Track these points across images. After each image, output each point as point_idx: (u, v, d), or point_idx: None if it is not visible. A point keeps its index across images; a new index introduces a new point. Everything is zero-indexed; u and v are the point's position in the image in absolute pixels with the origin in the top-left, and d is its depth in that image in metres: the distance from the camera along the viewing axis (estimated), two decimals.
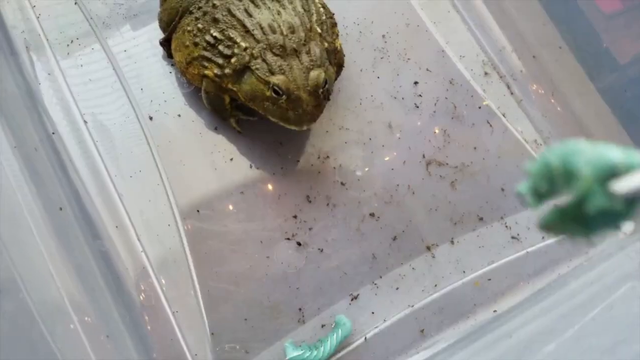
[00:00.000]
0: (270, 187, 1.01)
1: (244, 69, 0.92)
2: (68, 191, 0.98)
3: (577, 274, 1.00)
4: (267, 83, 0.89)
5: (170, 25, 1.02)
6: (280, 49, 0.90)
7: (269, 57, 0.90)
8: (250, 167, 1.02)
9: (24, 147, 0.95)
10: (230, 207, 0.99)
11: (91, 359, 0.84)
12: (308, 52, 0.91)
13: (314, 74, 0.90)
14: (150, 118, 1.03)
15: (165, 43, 1.05)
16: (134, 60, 1.07)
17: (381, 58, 1.12)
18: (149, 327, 0.92)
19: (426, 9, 1.18)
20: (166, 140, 1.02)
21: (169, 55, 1.05)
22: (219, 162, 1.02)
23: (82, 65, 1.07)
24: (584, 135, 1.09)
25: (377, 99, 1.08)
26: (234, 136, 1.03)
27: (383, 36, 1.13)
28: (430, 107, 1.09)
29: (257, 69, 0.90)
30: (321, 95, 0.91)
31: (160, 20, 1.04)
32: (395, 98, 1.09)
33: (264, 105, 0.92)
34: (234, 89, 0.94)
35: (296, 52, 0.90)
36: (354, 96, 1.08)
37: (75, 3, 1.11)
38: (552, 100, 1.12)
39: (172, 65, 1.06)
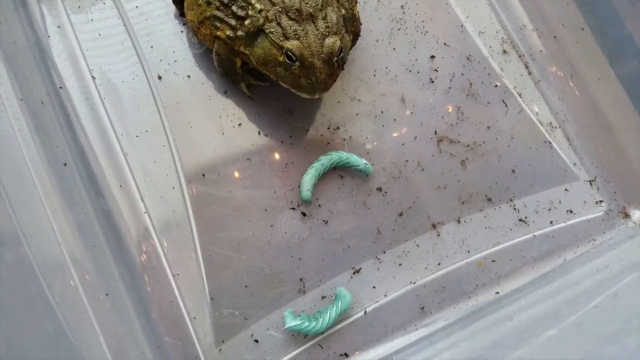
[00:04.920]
0: (277, 155, 0.99)
1: (258, 31, 0.90)
2: (73, 147, 0.96)
3: (582, 260, 0.99)
4: (280, 48, 0.87)
5: None
6: (296, 13, 0.88)
7: (284, 20, 0.87)
8: (259, 133, 1.00)
9: (31, 100, 0.94)
10: (236, 173, 0.98)
11: (89, 316, 0.84)
12: (324, 18, 0.88)
13: (329, 41, 0.87)
14: (159, 77, 1.02)
15: (178, 0, 1.02)
16: (145, 18, 1.05)
17: (398, 29, 1.09)
18: (148, 288, 0.92)
19: None
20: (174, 101, 1.01)
21: (181, 13, 1.03)
22: (227, 126, 1.00)
23: (92, 20, 1.04)
24: (599, 120, 1.06)
25: (392, 71, 1.06)
26: (243, 101, 1.01)
27: (402, 6, 1.10)
28: (445, 82, 1.07)
29: (271, 32, 0.88)
30: (335, 64, 0.89)
31: None
32: (410, 71, 1.06)
33: (276, 71, 0.90)
34: (246, 52, 0.92)
35: (312, 17, 0.88)
36: (368, 67, 1.06)
37: None
38: (571, 83, 1.09)
39: (183, 24, 1.04)
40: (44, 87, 0.98)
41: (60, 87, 0.99)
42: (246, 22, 0.90)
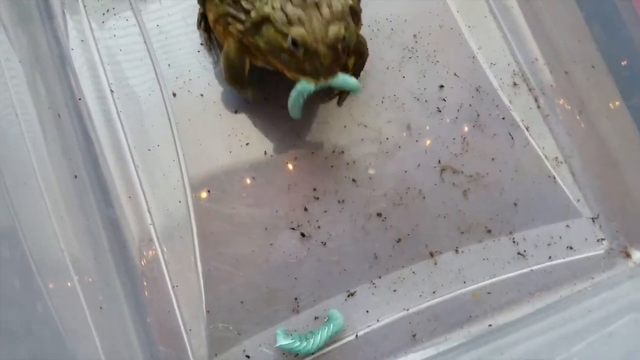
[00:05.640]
0: (281, 175, 1.02)
1: (263, 21, 0.90)
2: (87, 157, 1.00)
3: (579, 298, 0.98)
4: (285, 35, 0.88)
5: None
6: (301, 1, 0.88)
7: (289, 8, 0.88)
8: (265, 153, 1.03)
9: (47, 111, 0.98)
10: (241, 191, 1.01)
11: (86, 318, 0.87)
12: (330, 5, 0.88)
13: (333, 27, 0.87)
14: (174, 94, 1.05)
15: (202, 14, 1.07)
16: (165, 36, 1.09)
17: (409, 58, 1.11)
18: (147, 297, 0.95)
19: (462, 11, 1.16)
20: (186, 118, 1.04)
21: (199, 23, 1.08)
22: (234, 145, 1.03)
23: (115, 36, 1.09)
24: (606, 158, 1.06)
25: (400, 98, 1.08)
26: (252, 121, 1.04)
27: (414, 36, 1.12)
28: (452, 112, 1.08)
29: (275, 20, 0.88)
30: (340, 51, 0.88)
31: None
32: (418, 100, 1.08)
33: (281, 58, 0.90)
34: (254, 42, 0.93)
35: (317, 5, 0.88)
36: (377, 94, 1.08)
37: None
38: (579, 119, 1.09)
39: (200, 44, 1.08)
40: (62, 98, 1.02)
41: (80, 99, 1.04)
42: (252, 13, 0.91)
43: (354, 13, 0.95)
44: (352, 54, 0.99)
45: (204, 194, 1.00)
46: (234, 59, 0.98)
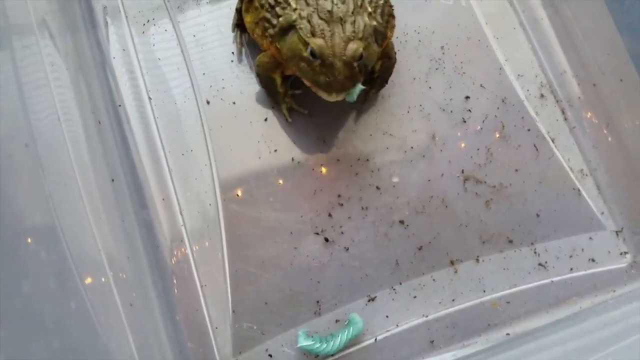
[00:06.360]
0: (307, 182, 1.05)
1: (289, 27, 0.96)
2: (125, 161, 1.06)
3: (599, 310, 0.99)
4: (306, 44, 0.92)
5: None
6: (327, 14, 0.93)
7: (315, 19, 0.93)
8: (292, 160, 1.06)
9: (90, 116, 1.04)
10: (268, 196, 1.05)
11: (120, 314, 0.92)
12: (353, 23, 0.93)
13: (352, 45, 0.91)
14: (208, 102, 1.10)
15: (239, 11, 1.11)
16: (200, 46, 1.14)
17: (436, 69, 1.13)
18: (177, 295, 1.00)
19: (491, 23, 1.17)
20: (219, 124, 1.09)
21: (236, 26, 1.12)
22: (264, 151, 1.07)
23: (154, 45, 1.14)
24: (632, 171, 1.06)
25: (426, 109, 1.10)
26: (281, 129, 1.08)
27: (442, 47, 1.14)
28: (477, 123, 1.10)
29: (300, 28, 0.93)
30: (356, 68, 0.92)
31: None
32: (443, 110, 1.10)
33: (299, 65, 0.95)
34: (278, 46, 0.98)
35: (341, 21, 0.93)
36: (403, 104, 1.10)
37: None
38: (606, 132, 1.09)
39: (232, 53, 1.12)
40: (103, 104, 1.08)
41: (119, 105, 1.10)
42: (280, 19, 0.97)
43: (378, 34, 0.98)
44: (379, 59, 1.03)
45: (233, 198, 1.05)
46: (264, 77, 1.05)
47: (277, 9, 0.98)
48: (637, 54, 1.08)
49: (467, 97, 1.11)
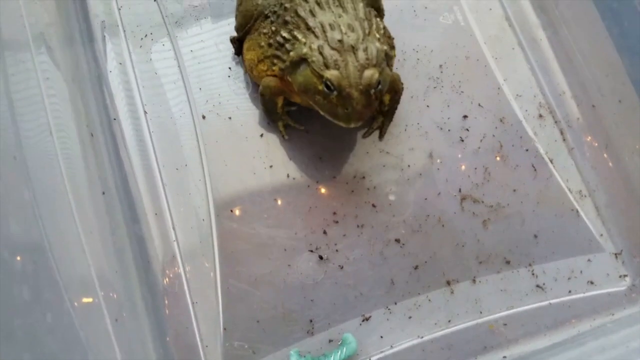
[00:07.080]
0: (302, 198, 1.04)
1: (301, 60, 0.94)
2: (117, 175, 1.05)
3: (597, 334, 0.96)
4: (320, 77, 0.90)
5: (244, 27, 1.07)
6: (339, 44, 0.91)
7: (326, 50, 0.91)
8: (287, 176, 1.05)
9: (83, 129, 1.03)
10: (262, 212, 1.03)
11: (108, 332, 0.90)
12: (365, 50, 0.91)
13: (368, 72, 0.90)
14: (203, 117, 1.09)
15: (236, 42, 1.10)
16: (197, 61, 1.14)
17: (434, 87, 1.12)
18: (167, 312, 0.98)
19: (490, 43, 1.17)
20: (214, 139, 1.08)
21: (236, 52, 1.12)
22: (259, 167, 1.06)
23: (151, 59, 1.14)
24: (631, 193, 1.05)
25: (423, 127, 1.09)
26: (276, 145, 1.07)
27: (440, 66, 1.14)
28: (475, 142, 1.09)
29: (313, 61, 0.91)
30: (373, 96, 0.91)
31: (236, 21, 1.09)
32: (441, 129, 1.09)
33: (315, 99, 0.93)
34: (290, 80, 0.97)
35: (353, 49, 0.91)
36: (400, 122, 1.09)
37: (155, 0, 1.18)
38: (605, 154, 1.08)
39: (229, 68, 1.12)
40: (98, 117, 1.08)
41: (114, 119, 1.09)
42: (291, 53, 0.95)
43: (388, 58, 0.98)
44: (387, 93, 1.02)
45: (226, 214, 1.03)
46: (268, 100, 1.04)
47: (287, 45, 0.97)
48: (636, 76, 1.08)
49: (465, 116, 1.10)
